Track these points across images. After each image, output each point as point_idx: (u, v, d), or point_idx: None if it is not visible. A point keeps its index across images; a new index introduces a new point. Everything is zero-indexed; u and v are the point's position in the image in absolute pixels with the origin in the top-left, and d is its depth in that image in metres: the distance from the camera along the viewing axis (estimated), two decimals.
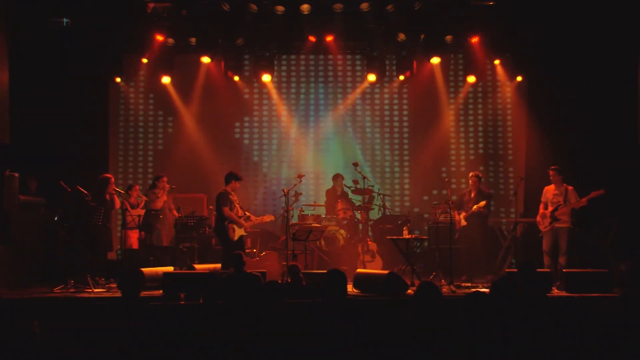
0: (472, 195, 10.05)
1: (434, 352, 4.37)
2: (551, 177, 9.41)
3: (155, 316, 5.29)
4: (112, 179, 9.62)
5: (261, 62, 11.81)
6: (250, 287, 5.88)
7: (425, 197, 12.75)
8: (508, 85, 12.61)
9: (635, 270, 9.92)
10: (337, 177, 11.61)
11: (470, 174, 10.30)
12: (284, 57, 12.84)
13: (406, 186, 12.89)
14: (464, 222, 9.92)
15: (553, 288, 8.35)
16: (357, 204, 11.41)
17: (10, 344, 4.43)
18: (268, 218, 9.80)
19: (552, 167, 9.44)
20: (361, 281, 8.31)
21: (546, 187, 9.53)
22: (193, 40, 11.51)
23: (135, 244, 9.75)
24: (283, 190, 10.04)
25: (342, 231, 10.84)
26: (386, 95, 12.97)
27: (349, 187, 11.57)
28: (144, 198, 10.07)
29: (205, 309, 5.34)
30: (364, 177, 11.18)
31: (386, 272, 8.27)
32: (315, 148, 12.93)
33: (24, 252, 9.49)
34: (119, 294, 7.57)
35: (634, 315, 4.72)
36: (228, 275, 7.32)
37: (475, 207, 9.77)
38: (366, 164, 12.75)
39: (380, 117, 13.00)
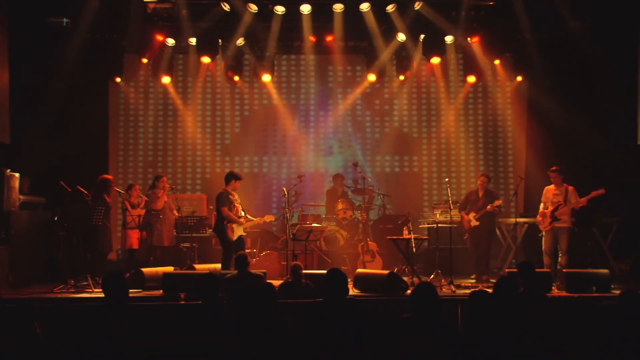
0: (480, 195, 10.00)
1: (432, 352, 4.37)
2: (552, 178, 9.39)
3: (155, 316, 5.28)
4: (113, 180, 9.62)
5: (261, 62, 11.83)
6: (255, 287, 5.85)
7: (425, 197, 12.76)
8: (508, 85, 12.62)
9: (635, 269, 9.94)
10: (337, 177, 11.61)
11: (481, 175, 10.25)
12: (284, 57, 12.85)
13: (406, 186, 12.86)
14: (475, 222, 9.85)
15: (553, 288, 8.34)
16: (357, 204, 11.41)
17: (10, 344, 4.43)
18: (268, 218, 9.79)
19: (553, 168, 9.41)
20: (361, 281, 8.30)
21: (546, 187, 9.51)
22: (193, 40, 11.54)
23: (135, 244, 9.74)
24: (283, 190, 10.03)
25: (342, 231, 10.83)
26: (386, 95, 12.96)
27: (349, 187, 11.57)
28: (144, 198, 10.05)
29: (207, 309, 5.32)
30: (364, 177, 11.20)
31: (386, 272, 8.25)
32: (315, 148, 12.93)
33: (24, 252, 9.46)
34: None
35: (633, 315, 4.72)
36: (232, 276, 7.32)
37: (490, 206, 9.70)
38: (366, 164, 12.74)
39: (380, 117, 13.00)
